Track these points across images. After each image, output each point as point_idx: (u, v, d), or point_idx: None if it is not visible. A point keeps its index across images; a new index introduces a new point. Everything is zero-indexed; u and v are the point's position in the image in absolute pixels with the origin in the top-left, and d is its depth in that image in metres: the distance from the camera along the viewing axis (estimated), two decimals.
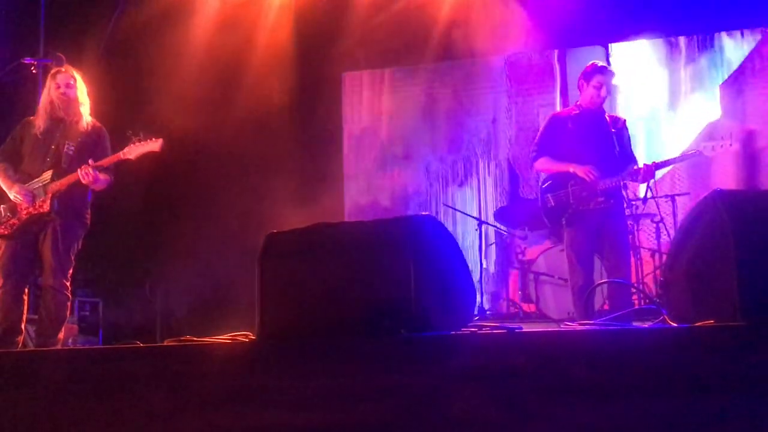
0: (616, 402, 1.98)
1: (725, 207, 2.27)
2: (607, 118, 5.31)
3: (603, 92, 5.23)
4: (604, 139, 5.20)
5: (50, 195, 4.74)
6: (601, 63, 5.40)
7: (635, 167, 5.10)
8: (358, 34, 8.22)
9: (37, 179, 4.81)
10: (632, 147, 5.43)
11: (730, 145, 5.01)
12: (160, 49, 7.73)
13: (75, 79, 4.95)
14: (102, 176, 4.84)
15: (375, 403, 2.16)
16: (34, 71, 5.21)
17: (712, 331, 2.15)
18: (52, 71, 4.98)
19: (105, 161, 4.83)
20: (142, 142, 4.83)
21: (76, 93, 4.93)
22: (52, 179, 4.77)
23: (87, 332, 7.08)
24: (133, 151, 4.83)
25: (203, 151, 8.34)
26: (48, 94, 4.93)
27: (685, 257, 2.45)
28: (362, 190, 9.17)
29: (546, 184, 5.33)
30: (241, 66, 8.09)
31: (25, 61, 5.16)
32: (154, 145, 4.84)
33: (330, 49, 8.46)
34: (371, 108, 9.33)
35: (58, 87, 4.90)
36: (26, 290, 4.80)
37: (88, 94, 5.02)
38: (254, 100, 7.97)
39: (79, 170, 4.73)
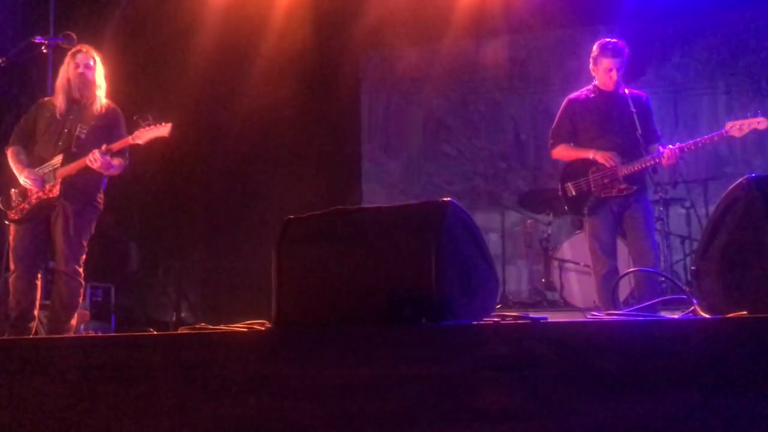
0: (645, 395, 1.93)
1: (760, 193, 2.20)
2: (628, 95, 5.08)
3: (614, 75, 5.06)
4: (625, 120, 5.02)
5: (59, 180, 4.70)
6: (609, 43, 5.14)
7: (660, 148, 4.95)
8: (377, 13, 8.08)
9: (47, 163, 4.76)
10: (656, 123, 5.24)
11: (759, 123, 4.79)
12: (174, 29, 7.67)
13: (95, 61, 4.90)
14: (115, 161, 4.79)
15: (394, 393, 2.11)
16: (44, 51, 5.15)
17: (745, 322, 2.09)
18: (72, 50, 4.91)
19: (114, 146, 4.76)
20: (151, 127, 4.75)
21: (94, 75, 4.88)
22: (63, 164, 4.72)
23: (99, 318, 7.07)
24: (142, 135, 4.75)
25: (217, 135, 8.30)
26: (66, 73, 4.86)
27: (717, 245, 2.38)
28: (381, 175, 9.09)
29: (566, 173, 5.20)
30: (257, 46, 8.02)
31: (36, 41, 5.10)
32: (164, 129, 4.75)
33: (348, 30, 8.32)
34: (391, 91, 9.24)
35: (77, 66, 4.84)
36: (39, 276, 4.77)
37: (104, 75, 4.96)
38: (271, 82, 7.91)
39: (87, 156, 4.68)
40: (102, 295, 7.31)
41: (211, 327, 2.82)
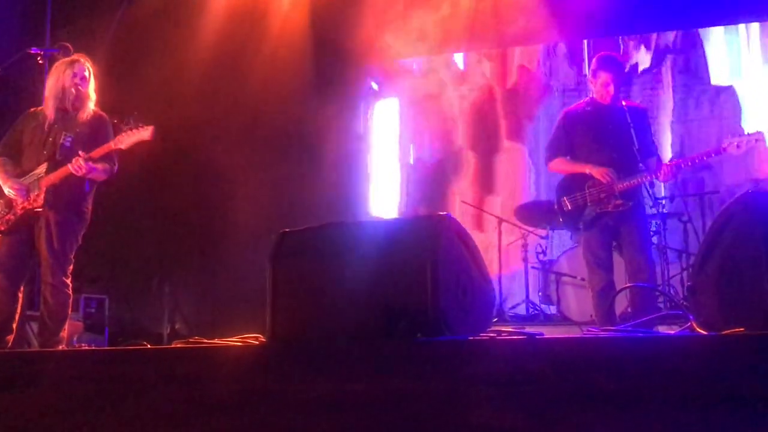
0: (640, 412, 1.92)
1: (757, 209, 2.20)
2: (625, 108, 5.08)
3: (611, 89, 5.06)
4: (622, 135, 5.00)
5: (43, 189, 4.64)
6: (608, 56, 5.20)
7: (656, 163, 4.94)
8: (379, 20, 8.02)
9: (32, 173, 4.71)
10: (653, 137, 5.24)
11: (756, 141, 4.75)
12: (171, 38, 7.63)
13: (90, 72, 4.85)
14: (100, 166, 4.71)
15: (389, 408, 2.10)
16: (40, 61, 5.13)
17: (741, 339, 2.09)
18: (69, 59, 4.85)
19: (96, 152, 4.66)
20: (132, 131, 4.66)
21: (88, 88, 4.84)
22: (47, 172, 4.66)
23: (93, 330, 7.01)
24: (124, 140, 4.67)
25: (214, 145, 8.26)
26: (61, 81, 4.78)
27: (714, 261, 2.38)
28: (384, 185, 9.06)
29: (562, 187, 5.18)
30: (255, 55, 7.97)
31: (32, 51, 5.09)
32: (145, 133, 4.66)
33: (349, 38, 8.25)
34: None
35: (74, 76, 4.78)
36: (22, 288, 4.68)
37: (95, 88, 4.92)
38: (270, 90, 7.87)
39: (70, 163, 4.62)
40: (96, 306, 7.27)
41: (205, 341, 2.81)
